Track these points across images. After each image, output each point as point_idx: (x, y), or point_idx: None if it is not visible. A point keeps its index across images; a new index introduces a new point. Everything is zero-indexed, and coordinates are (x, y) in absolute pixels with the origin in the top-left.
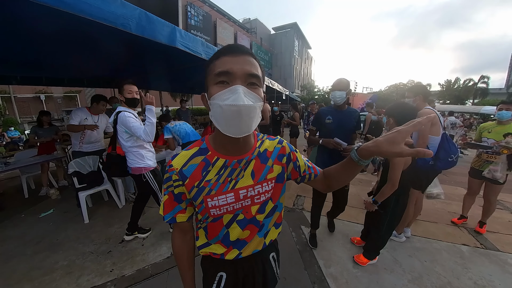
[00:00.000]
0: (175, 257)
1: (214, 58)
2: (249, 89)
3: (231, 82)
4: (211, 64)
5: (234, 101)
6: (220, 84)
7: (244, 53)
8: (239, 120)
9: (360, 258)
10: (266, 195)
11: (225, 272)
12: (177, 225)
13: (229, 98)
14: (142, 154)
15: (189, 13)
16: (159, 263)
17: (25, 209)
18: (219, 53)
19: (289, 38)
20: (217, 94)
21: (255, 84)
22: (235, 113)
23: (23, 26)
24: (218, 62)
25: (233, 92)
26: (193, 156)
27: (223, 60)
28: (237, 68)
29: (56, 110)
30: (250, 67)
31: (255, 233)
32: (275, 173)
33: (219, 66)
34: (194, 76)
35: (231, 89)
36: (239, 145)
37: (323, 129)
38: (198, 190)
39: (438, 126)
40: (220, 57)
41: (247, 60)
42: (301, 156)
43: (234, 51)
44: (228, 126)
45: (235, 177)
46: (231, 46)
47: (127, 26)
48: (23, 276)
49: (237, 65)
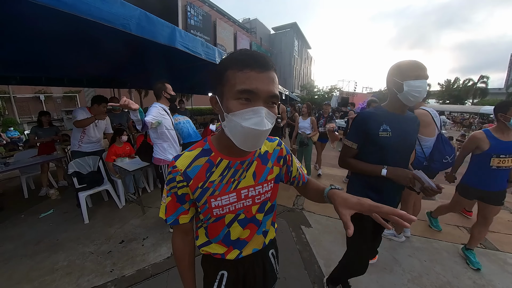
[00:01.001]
0: (176, 259)
1: (236, 68)
2: (269, 109)
3: (253, 101)
4: (230, 72)
5: (257, 126)
6: (242, 101)
7: (270, 69)
8: (258, 140)
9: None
10: (266, 195)
11: (226, 271)
12: (179, 227)
13: (251, 119)
14: (165, 147)
15: (189, 13)
16: (159, 263)
17: (25, 210)
18: (243, 65)
19: (288, 38)
20: (239, 112)
21: (274, 104)
22: (256, 135)
23: (23, 26)
24: (241, 75)
25: (256, 114)
26: (197, 157)
27: (248, 76)
28: (263, 89)
29: (55, 110)
30: (274, 87)
31: (255, 231)
32: (274, 174)
33: (243, 81)
34: (194, 76)
35: (254, 111)
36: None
37: (373, 147)
38: (202, 191)
39: (433, 127)
40: (245, 69)
41: (271, 78)
42: (295, 160)
43: (261, 66)
44: (245, 143)
45: (237, 178)
46: (257, 59)
47: (127, 26)
48: (23, 277)
49: (263, 85)
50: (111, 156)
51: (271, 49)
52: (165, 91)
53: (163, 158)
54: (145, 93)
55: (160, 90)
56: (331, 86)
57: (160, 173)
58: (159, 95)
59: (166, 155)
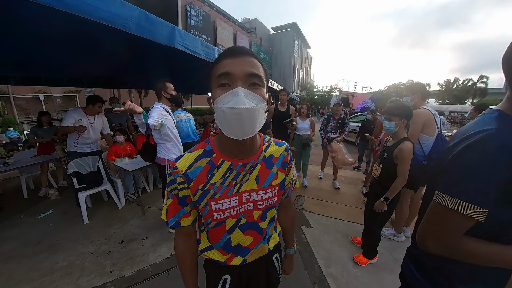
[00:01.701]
0: (178, 262)
1: (216, 62)
2: (251, 90)
3: (232, 84)
4: (213, 68)
5: (235, 104)
6: (222, 87)
7: (244, 53)
8: (242, 123)
9: (360, 258)
10: (270, 202)
11: (229, 275)
12: (181, 229)
13: (230, 101)
14: (168, 148)
15: (189, 13)
16: (159, 264)
17: (24, 210)
18: (220, 57)
19: (288, 38)
20: (219, 98)
21: (256, 85)
22: (237, 115)
23: (22, 26)
24: (219, 65)
25: (234, 95)
26: (198, 158)
27: (223, 63)
28: (236, 69)
29: (55, 110)
30: (250, 67)
31: (259, 240)
32: (279, 180)
33: (220, 68)
34: (193, 76)
35: (232, 92)
36: (245, 148)
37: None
38: (202, 193)
39: (434, 126)
40: (221, 60)
41: (247, 61)
42: (292, 170)
43: (234, 52)
44: (231, 129)
45: (239, 181)
46: (231, 48)
47: (127, 26)
48: (22, 277)
49: (237, 66)
50: (112, 155)
51: (271, 49)
52: (165, 91)
53: (167, 158)
54: (145, 93)
55: (160, 90)
56: (331, 86)
57: (164, 173)
58: (160, 95)
59: (170, 155)
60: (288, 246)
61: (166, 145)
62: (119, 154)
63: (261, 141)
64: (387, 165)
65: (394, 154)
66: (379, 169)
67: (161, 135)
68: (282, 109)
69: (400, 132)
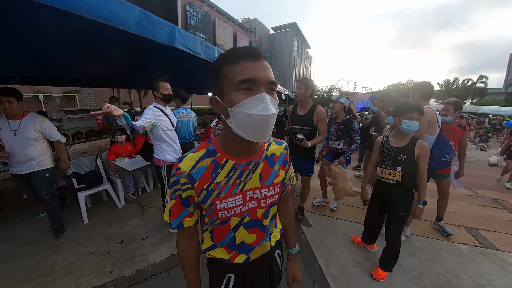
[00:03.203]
0: (181, 262)
1: (232, 62)
2: (271, 95)
3: (254, 90)
4: (226, 68)
5: (264, 111)
6: (244, 91)
7: (262, 57)
8: (266, 127)
9: (379, 273)
10: (272, 199)
11: (233, 274)
12: (184, 230)
13: (257, 106)
14: (163, 148)
15: (188, 12)
16: (159, 263)
17: (23, 210)
18: (237, 57)
19: (288, 38)
20: (243, 102)
21: (274, 90)
22: (265, 121)
23: (21, 25)
24: (238, 67)
25: (261, 101)
26: (202, 158)
27: (244, 66)
28: (261, 75)
29: (54, 110)
30: (271, 74)
31: (262, 238)
32: (280, 178)
33: (241, 72)
34: (193, 76)
35: (258, 98)
36: (250, 148)
37: None
38: (207, 192)
39: (435, 126)
40: (240, 62)
41: (266, 66)
42: (291, 170)
43: (254, 56)
44: (255, 132)
45: (243, 179)
46: (248, 50)
47: (126, 25)
48: (22, 277)
49: (261, 72)
50: (112, 155)
51: (270, 49)
52: (157, 91)
53: (161, 159)
54: (145, 93)
55: (153, 90)
56: (330, 86)
57: (160, 174)
58: (154, 95)
59: (165, 156)
60: (290, 245)
61: (160, 146)
62: (119, 154)
63: None
64: (408, 166)
65: (417, 154)
66: (398, 173)
67: (154, 136)
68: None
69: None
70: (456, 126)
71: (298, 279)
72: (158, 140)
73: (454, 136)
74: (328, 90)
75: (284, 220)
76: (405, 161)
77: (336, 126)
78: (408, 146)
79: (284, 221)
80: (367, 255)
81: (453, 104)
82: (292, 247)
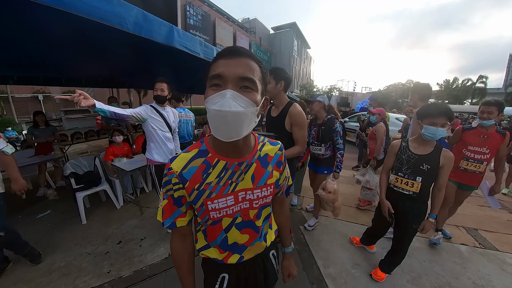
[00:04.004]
0: (175, 263)
1: (213, 61)
2: (241, 93)
3: (223, 86)
4: (209, 67)
5: (221, 107)
6: (213, 87)
7: (240, 55)
8: (227, 125)
9: (378, 273)
10: (265, 200)
11: (227, 273)
12: (177, 230)
13: (217, 102)
14: (151, 147)
15: (188, 12)
16: (157, 264)
17: (22, 210)
18: (217, 56)
19: (288, 38)
20: (209, 98)
21: (248, 88)
22: (222, 118)
23: (20, 25)
24: (213, 64)
25: (222, 97)
26: (193, 158)
27: (217, 63)
28: (229, 71)
29: (54, 110)
30: (244, 70)
31: (255, 238)
32: (274, 179)
33: (213, 69)
34: (192, 76)
35: (221, 94)
36: (238, 148)
37: None
38: (198, 193)
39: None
40: (217, 60)
41: (242, 63)
42: (287, 170)
43: (230, 53)
44: (217, 130)
45: (235, 180)
46: (229, 48)
47: (124, 25)
48: (19, 278)
49: (230, 68)
50: (109, 156)
51: (270, 49)
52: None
53: (149, 158)
54: (144, 93)
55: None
56: (330, 86)
57: (150, 171)
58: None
59: (152, 155)
60: (285, 244)
61: (149, 144)
62: (116, 155)
63: (255, 140)
64: (430, 177)
65: (442, 164)
66: (417, 183)
67: (146, 133)
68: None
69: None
70: (495, 131)
71: (293, 274)
72: (149, 138)
73: (490, 143)
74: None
75: (280, 220)
76: (427, 171)
77: (316, 128)
78: (433, 154)
79: (280, 221)
80: (366, 255)
81: (496, 105)
82: (288, 246)
